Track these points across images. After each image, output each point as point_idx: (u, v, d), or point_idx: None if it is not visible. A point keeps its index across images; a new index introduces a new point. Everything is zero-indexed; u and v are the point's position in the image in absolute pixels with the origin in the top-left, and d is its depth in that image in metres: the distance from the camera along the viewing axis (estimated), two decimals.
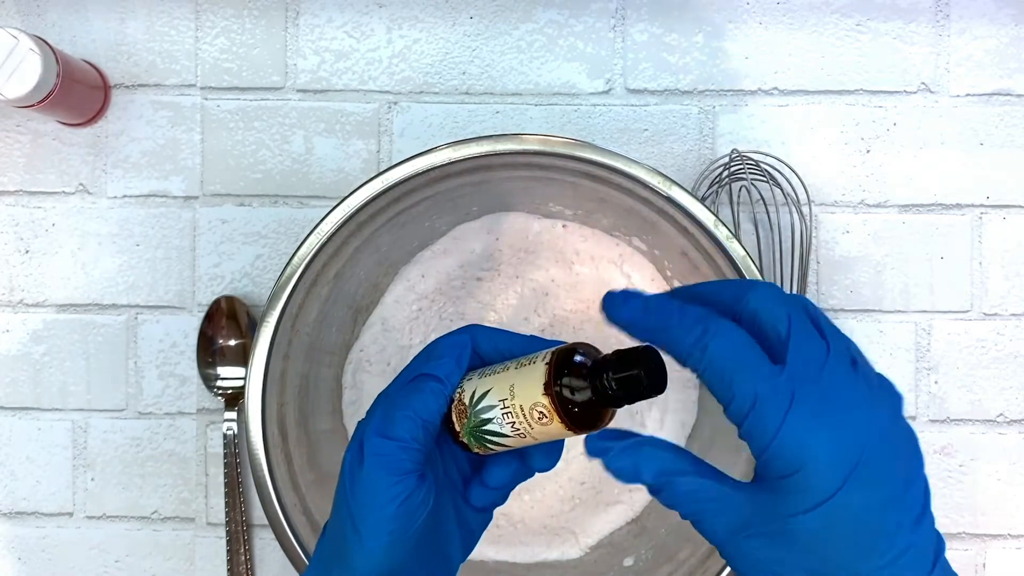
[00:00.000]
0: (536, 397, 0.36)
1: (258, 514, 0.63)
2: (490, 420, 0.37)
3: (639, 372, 0.35)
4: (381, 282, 0.61)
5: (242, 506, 0.63)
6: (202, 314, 0.64)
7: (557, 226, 0.61)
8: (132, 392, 0.65)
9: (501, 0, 0.65)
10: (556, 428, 0.36)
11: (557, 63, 0.65)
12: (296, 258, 0.51)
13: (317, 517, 0.54)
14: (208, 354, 0.64)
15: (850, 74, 0.64)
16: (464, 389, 0.38)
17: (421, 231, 0.59)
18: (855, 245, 0.64)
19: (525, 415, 0.36)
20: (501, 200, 0.59)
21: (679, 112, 0.64)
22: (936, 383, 0.64)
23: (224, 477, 0.63)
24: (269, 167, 0.65)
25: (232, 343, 0.63)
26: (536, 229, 0.61)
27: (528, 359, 0.37)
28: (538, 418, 0.36)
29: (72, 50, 0.65)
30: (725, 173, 0.61)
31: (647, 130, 0.64)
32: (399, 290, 0.61)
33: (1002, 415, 0.64)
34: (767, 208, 0.62)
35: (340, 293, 0.57)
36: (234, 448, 0.63)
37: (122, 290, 0.65)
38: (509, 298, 0.61)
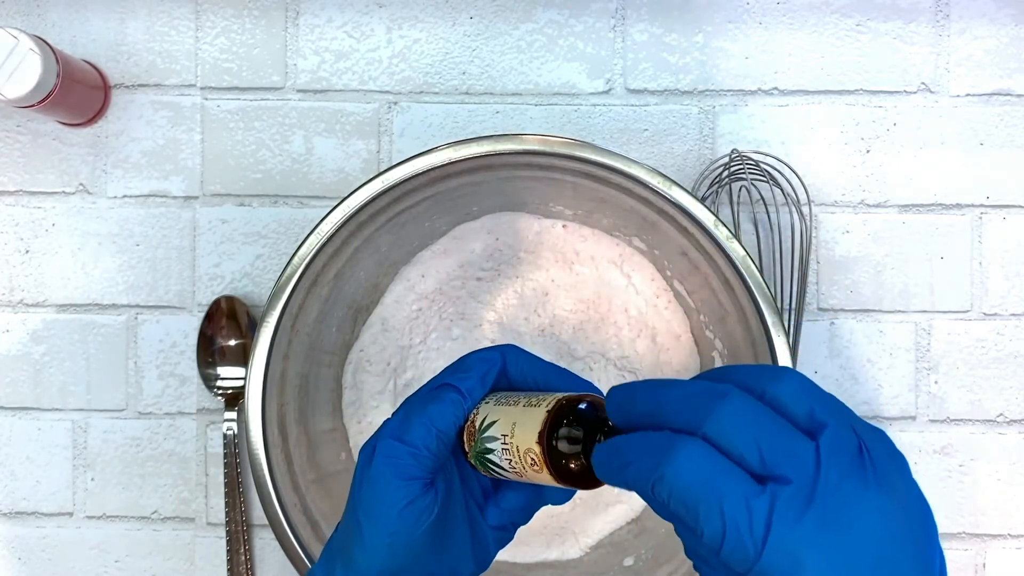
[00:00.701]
0: (530, 443, 0.34)
1: (258, 514, 0.63)
2: (492, 451, 0.36)
3: None
4: (381, 282, 0.61)
5: (242, 506, 0.63)
6: (202, 314, 0.64)
7: (557, 226, 0.61)
8: (132, 392, 0.65)
9: (501, 0, 0.65)
10: (546, 477, 0.35)
11: (557, 63, 0.65)
12: (296, 258, 0.51)
13: (317, 517, 0.54)
14: (208, 354, 0.64)
15: (850, 74, 0.64)
16: (479, 411, 0.37)
17: (421, 231, 0.59)
18: (855, 245, 0.64)
19: (520, 457, 0.35)
20: (501, 200, 0.59)
21: (679, 112, 0.64)
22: (936, 383, 0.64)
23: (224, 477, 0.63)
24: (269, 167, 0.65)
25: (232, 343, 0.63)
26: (536, 229, 0.61)
27: (538, 400, 0.36)
28: (530, 463, 0.35)
29: (72, 50, 0.65)
30: (725, 173, 0.61)
31: (647, 130, 0.64)
32: (399, 290, 0.61)
33: (1002, 415, 0.64)
34: (767, 208, 0.62)
35: (340, 293, 0.57)
36: (234, 448, 0.63)
37: (122, 290, 0.65)
38: (509, 298, 0.61)
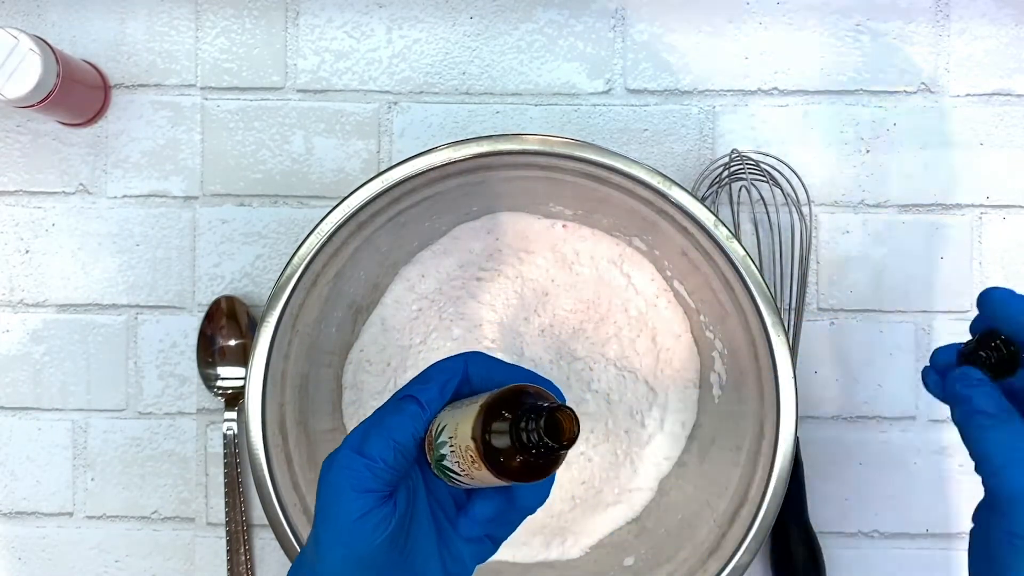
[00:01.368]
0: (467, 440, 0.34)
1: (258, 514, 0.63)
2: (445, 456, 0.36)
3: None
4: (381, 282, 0.61)
5: (242, 506, 0.63)
6: (202, 314, 0.64)
7: (557, 226, 0.61)
8: (132, 392, 0.65)
9: (501, 0, 0.65)
10: (487, 475, 0.34)
11: (557, 63, 0.65)
12: (296, 258, 0.51)
13: None
14: (208, 354, 0.64)
15: (850, 74, 0.64)
16: (436, 420, 0.37)
17: (421, 231, 0.59)
18: (855, 245, 0.64)
19: (463, 456, 0.35)
20: (501, 200, 0.59)
21: (679, 112, 0.64)
22: None
23: (224, 477, 0.63)
24: (269, 167, 0.65)
25: (232, 343, 0.63)
26: (536, 229, 0.61)
27: (478, 398, 0.35)
28: (471, 461, 0.34)
29: (72, 50, 0.65)
30: (725, 173, 0.61)
31: (647, 130, 0.64)
32: (399, 290, 0.61)
33: None
34: (767, 208, 0.62)
35: (340, 293, 0.57)
36: (234, 448, 0.63)
37: (122, 290, 0.65)
38: (509, 298, 0.61)
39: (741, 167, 0.60)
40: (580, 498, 0.60)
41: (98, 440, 0.65)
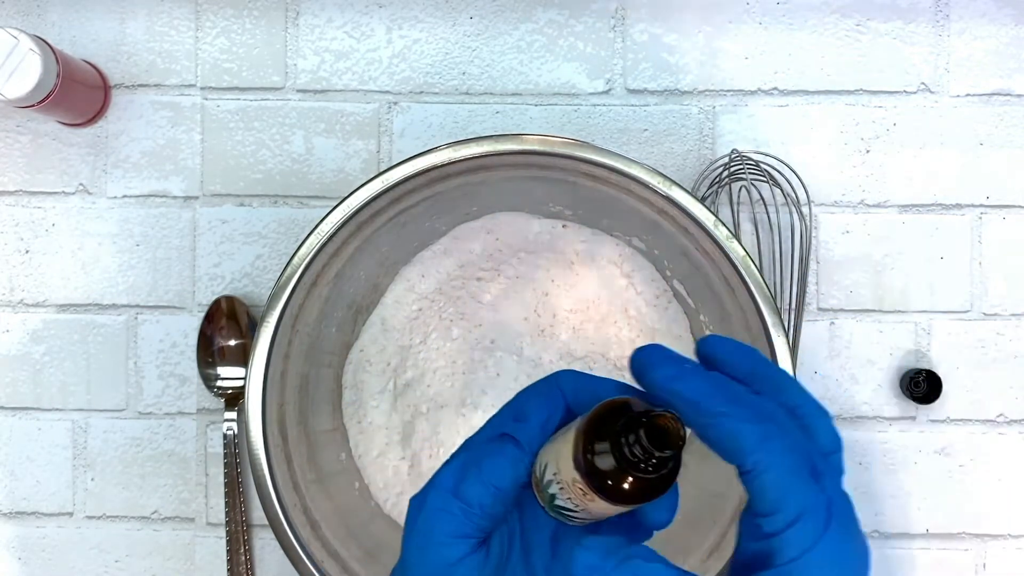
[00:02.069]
0: (572, 473, 0.31)
1: (258, 514, 0.63)
2: (556, 496, 0.33)
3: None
4: (381, 282, 0.61)
5: (242, 506, 0.63)
6: (202, 314, 0.64)
7: (557, 226, 0.61)
8: (132, 392, 0.65)
9: (501, 0, 0.65)
10: (603, 505, 0.31)
11: (557, 63, 0.65)
12: (296, 258, 0.51)
13: (317, 517, 0.54)
14: (208, 354, 0.64)
15: (850, 74, 0.64)
16: (539, 458, 0.34)
17: (421, 231, 0.59)
18: (855, 245, 0.64)
19: (573, 492, 0.31)
20: (501, 200, 0.59)
21: (679, 112, 0.64)
22: None
23: (224, 477, 0.63)
24: (269, 167, 0.65)
25: (232, 343, 0.63)
26: (536, 229, 0.61)
27: (571, 426, 0.32)
28: (582, 494, 0.31)
29: (72, 50, 0.65)
30: (725, 173, 0.61)
31: (647, 130, 0.64)
32: (399, 290, 0.61)
33: (1002, 415, 0.64)
34: (767, 208, 0.62)
35: (340, 293, 0.57)
36: (234, 448, 0.63)
37: (122, 290, 0.65)
38: (509, 298, 0.61)
39: (741, 167, 0.60)
40: None
41: (98, 440, 0.65)
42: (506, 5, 0.65)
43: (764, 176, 0.60)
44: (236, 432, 0.63)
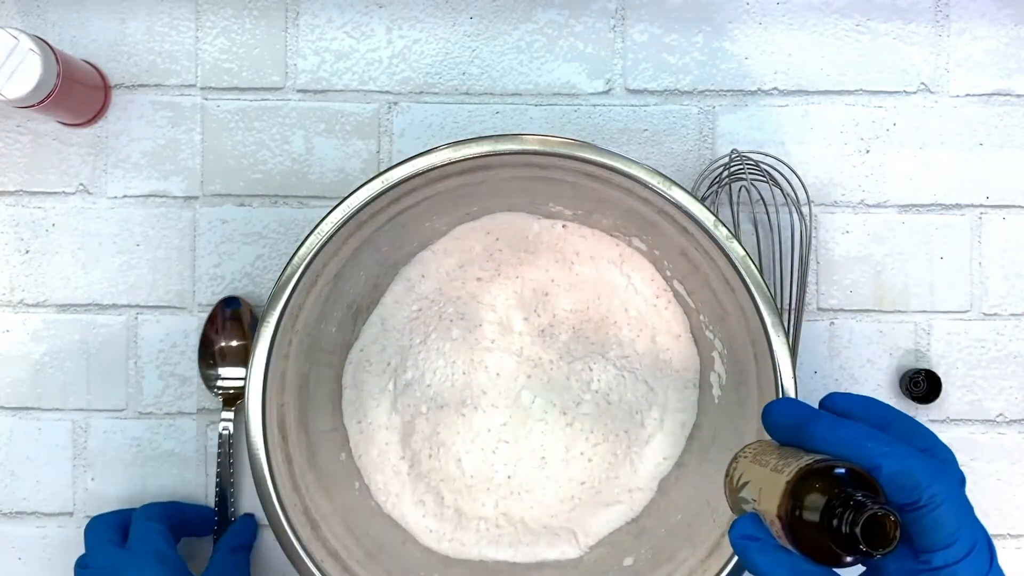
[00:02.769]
0: (772, 513, 0.32)
1: (259, 515, 0.63)
2: (745, 508, 0.34)
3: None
4: (381, 282, 0.61)
5: (232, 505, 0.63)
6: (203, 314, 0.64)
7: (557, 226, 0.61)
8: (132, 392, 0.65)
9: (501, 0, 0.65)
10: (793, 550, 0.32)
11: (557, 63, 0.65)
12: (296, 258, 0.51)
13: (317, 517, 0.54)
14: (209, 354, 0.64)
15: (850, 74, 0.64)
16: (736, 463, 0.35)
17: (421, 231, 0.59)
18: (855, 245, 0.64)
19: (770, 523, 0.33)
20: (501, 200, 0.59)
21: (679, 112, 0.64)
22: None
23: (216, 477, 0.63)
24: (269, 167, 0.65)
25: (234, 344, 0.63)
26: (536, 229, 0.61)
27: (787, 462, 0.33)
28: (778, 532, 0.32)
29: (72, 50, 0.65)
30: (725, 173, 0.61)
31: (647, 130, 0.64)
32: (399, 290, 0.61)
33: (1002, 415, 0.64)
34: (767, 208, 0.62)
35: (340, 293, 0.57)
36: (228, 448, 0.63)
37: (122, 290, 0.65)
38: (509, 298, 0.61)
39: (741, 167, 0.60)
40: (580, 498, 0.60)
41: (98, 440, 0.65)
42: (506, 5, 0.65)
43: (764, 176, 0.60)
44: (232, 432, 0.63)
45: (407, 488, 0.60)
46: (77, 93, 0.60)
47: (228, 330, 0.64)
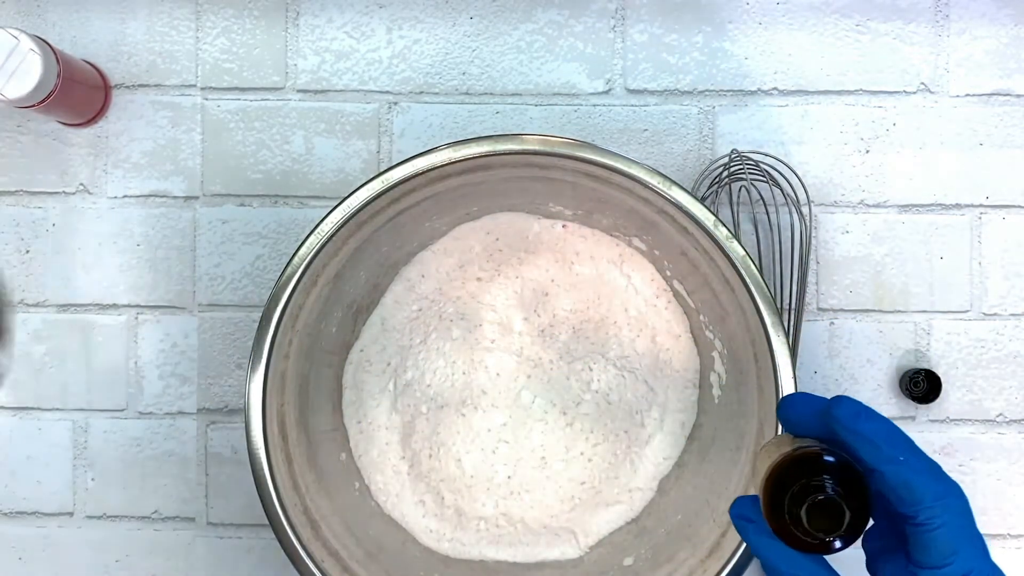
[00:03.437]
0: (759, 487, 0.34)
1: (259, 513, 0.63)
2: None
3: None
4: (381, 282, 0.61)
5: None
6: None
7: (557, 226, 0.61)
8: (132, 392, 0.65)
9: (501, 0, 0.65)
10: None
11: (557, 63, 0.65)
12: (296, 258, 0.51)
13: (317, 517, 0.54)
14: None
15: (850, 74, 0.64)
16: (760, 452, 0.36)
17: (421, 231, 0.59)
18: (855, 245, 0.64)
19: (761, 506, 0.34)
20: (501, 200, 0.59)
21: (679, 112, 0.64)
22: None
23: None
24: (269, 167, 0.65)
25: None
26: (536, 229, 0.61)
27: (782, 450, 0.34)
28: (765, 516, 0.34)
29: (72, 50, 0.65)
30: (725, 173, 0.61)
31: (647, 130, 0.64)
32: (399, 290, 0.61)
33: (1002, 415, 0.64)
34: (767, 208, 0.62)
35: (340, 293, 0.57)
36: None
37: (122, 290, 0.65)
38: (509, 298, 0.61)
39: (741, 167, 0.60)
40: (580, 498, 0.60)
41: (98, 440, 0.65)
42: (506, 5, 0.65)
43: (764, 176, 0.60)
44: None
45: (407, 488, 0.60)
46: (77, 93, 0.60)
47: None
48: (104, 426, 0.65)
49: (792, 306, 0.61)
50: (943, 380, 0.63)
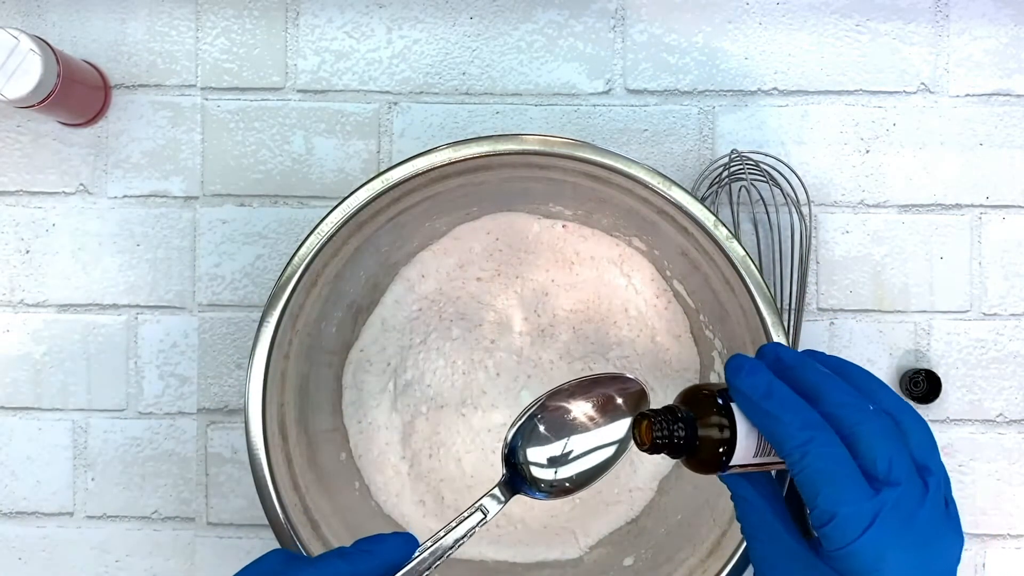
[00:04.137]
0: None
1: (258, 513, 0.63)
2: None
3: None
4: (381, 282, 0.61)
5: None
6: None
7: (557, 226, 0.61)
8: (132, 392, 0.65)
9: (501, 0, 0.65)
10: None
11: (557, 63, 0.65)
12: (296, 258, 0.51)
13: (317, 517, 0.54)
14: None
15: (850, 74, 0.64)
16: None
17: (421, 231, 0.59)
18: (855, 245, 0.64)
19: None
20: (501, 200, 0.59)
21: (679, 112, 0.64)
22: None
23: None
24: (269, 167, 0.65)
25: None
26: (536, 229, 0.61)
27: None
28: None
29: (72, 50, 0.65)
30: (725, 173, 0.61)
31: (647, 130, 0.64)
32: (399, 290, 0.61)
33: (1002, 415, 0.64)
34: (767, 208, 0.62)
35: (340, 293, 0.57)
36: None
37: (122, 290, 0.65)
38: (509, 298, 0.61)
39: (741, 167, 0.60)
40: (580, 498, 0.60)
41: (98, 440, 0.65)
42: (506, 5, 0.65)
43: (764, 176, 0.60)
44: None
45: (407, 488, 0.60)
46: (77, 93, 0.60)
47: None
48: (104, 426, 0.65)
49: (792, 306, 0.61)
50: (943, 380, 0.63)
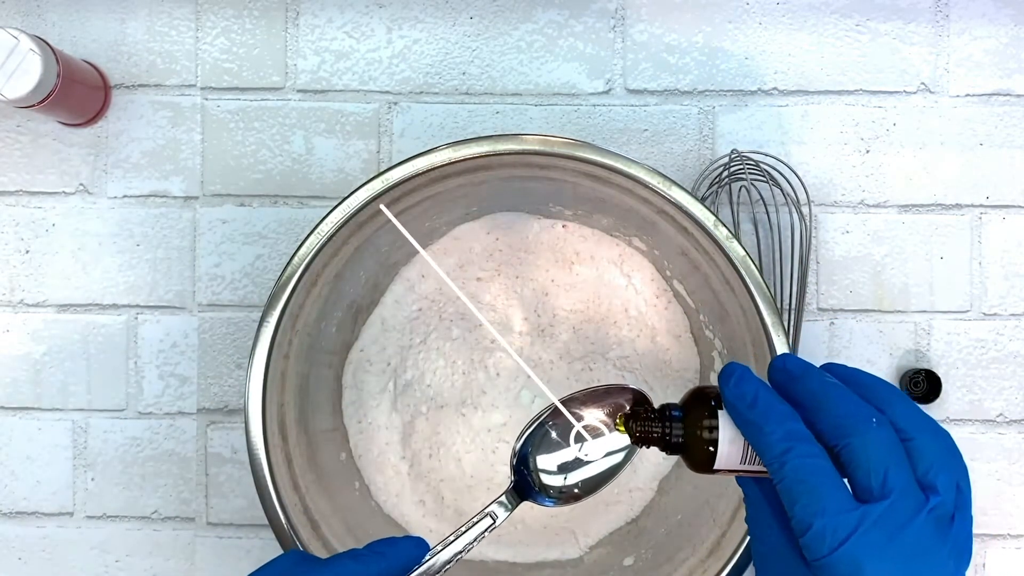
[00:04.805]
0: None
1: (258, 513, 0.63)
2: None
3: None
4: (381, 282, 0.61)
5: None
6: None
7: (557, 226, 0.61)
8: (132, 392, 0.65)
9: (501, 0, 0.65)
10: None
11: (557, 63, 0.65)
12: (296, 258, 0.51)
13: (317, 517, 0.54)
14: None
15: (850, 74, 0.64)
16: None
17: (421, 231, 0.59)
18: (855, 245, 0.64)
19: None
20: (501, 200, 0.59)
21: (679, 112, 0.64)
22: None
23: None
24: (269, 167, 0.65)
25: None
26: (536, 229, 0.61)
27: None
28: None
29: (72, 50, 0.65)
30: (725, 173, 0.61)
31: (647, 130, 0.64)
32: (399, 290, 0.61)
33: (1002, 415, 0.64)
34: (767, 208, 0.62)
35: (340, 293, 0.57)
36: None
37: (122, 290, 0.65)
38: (509, 298, 0.61)
39: (741, 167, 0.60)
40: None
41: (98, 440, 0.65)
42: (506, 5, 0.65)
43: (764, 176, 0.60)
44: None
45: (407, 488, 0.60)
46: (77, 93, 0.60)
47: None
48: (104, 426, 0.65)
49: (792, 306, 0.61)
50: (943, 380, 0.63)
